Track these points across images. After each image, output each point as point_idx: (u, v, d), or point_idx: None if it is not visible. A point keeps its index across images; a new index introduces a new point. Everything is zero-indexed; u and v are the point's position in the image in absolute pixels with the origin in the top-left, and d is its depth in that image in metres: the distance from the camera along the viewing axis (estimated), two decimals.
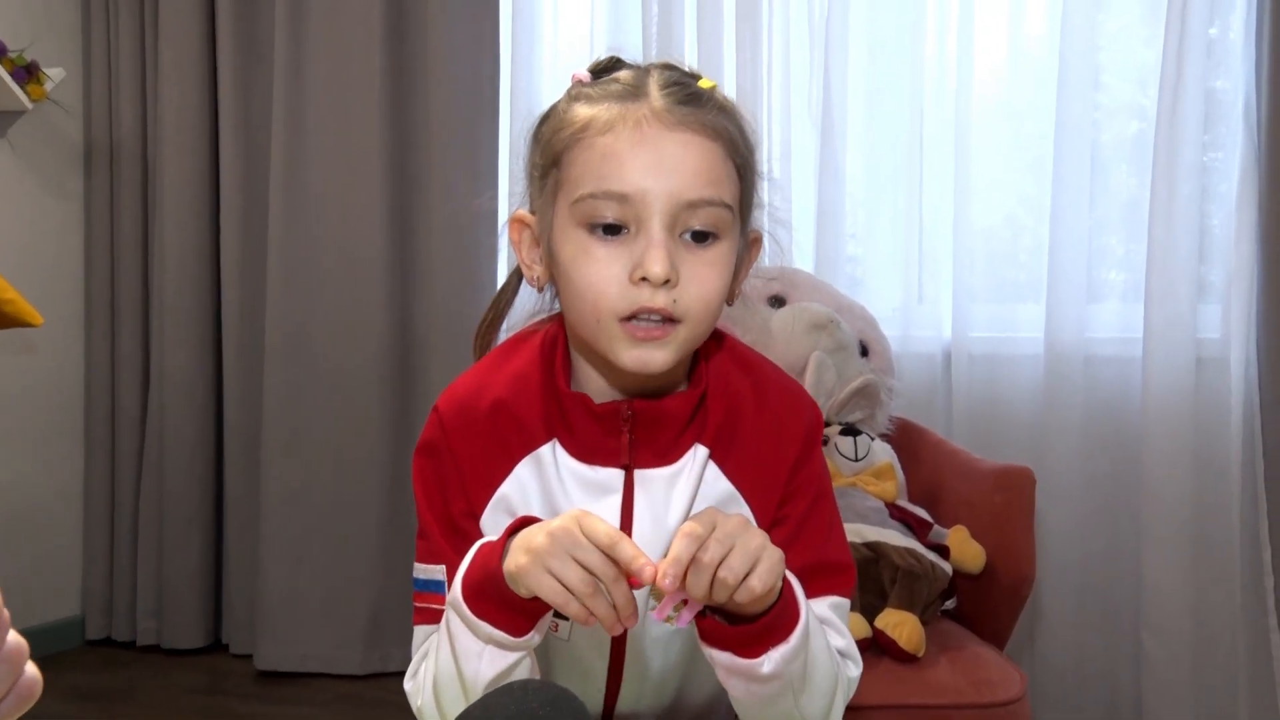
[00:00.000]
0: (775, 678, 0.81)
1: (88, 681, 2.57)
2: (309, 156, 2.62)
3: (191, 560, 2.75)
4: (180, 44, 2.71)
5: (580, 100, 0.86)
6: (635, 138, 0.81)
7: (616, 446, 0.90)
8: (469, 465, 0.91)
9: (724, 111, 0.86)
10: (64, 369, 2.84)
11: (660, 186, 0.81)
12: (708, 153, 0.83)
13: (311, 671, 2.59)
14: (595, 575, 0.74)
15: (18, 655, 0.48)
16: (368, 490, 2.61)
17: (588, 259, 0.83)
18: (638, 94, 0.84)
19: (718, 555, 0.75)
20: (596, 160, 0.82)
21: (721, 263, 0.85)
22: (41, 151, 2.77)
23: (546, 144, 0.88)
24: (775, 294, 2.10)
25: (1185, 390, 2.09)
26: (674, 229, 0.82)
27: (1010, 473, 1.76)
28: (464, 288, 2.56)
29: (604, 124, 0.83)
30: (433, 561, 0.91)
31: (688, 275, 0.82)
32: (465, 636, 0.81)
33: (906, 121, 2.34)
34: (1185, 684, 2.09)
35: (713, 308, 0.85)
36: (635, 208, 0.81)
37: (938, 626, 1.68)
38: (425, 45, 2.58)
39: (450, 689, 0.84)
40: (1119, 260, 2.28)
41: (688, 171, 0.82)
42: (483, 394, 0.93)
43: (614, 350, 0.84)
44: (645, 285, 0.81)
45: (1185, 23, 2.07)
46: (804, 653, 0.82)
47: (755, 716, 0.86)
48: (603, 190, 0.82)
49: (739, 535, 0.76)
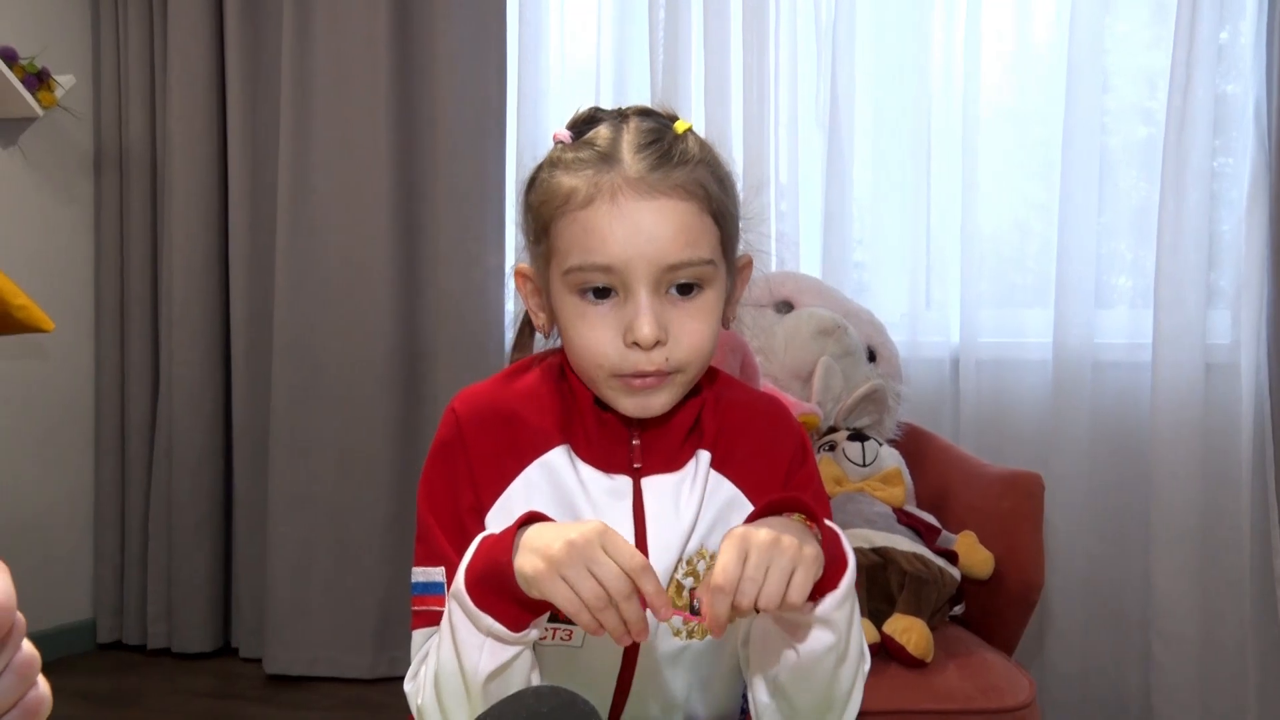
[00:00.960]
0: (825, 622, 0.83)
1: (98, 685, 2.58)
2: (316, 163, 2.63)
3: (201, 564, 2.76)
4: (189, 52, 2.72)
5: (559, 168, 0.90)
6: (613, 211, 0.86)
7: (625, 454, 0.94)
8: (480, 461, 0.94)
9: (697, 164, 0.89)
10: (74, 374, 2.85)
11: (641, 254, 0.86)
12: (683, 214, 0.87)
13: (320, 675, 2.60)
14: (609, 591, 0.76)
15: (29, 667, 0.47)
16: (375, 494, 2.61)
17: (583, 322, 0.89)
18: (611, 159, 0.88)
19: (751, 595, 0.76)
20: (580, 234, 0.87)
21: (709, 310, 0.90)
22: (52, 158, 2.78)
23: (535, 213, 0.93)
24: (783, 299, 2.10)
25: (1195, 396, 2.08)
26: (659, 289, 0.87)
27: (1018, 478, 1.76)
28: (469, 294, 2.57)
29: (584, 198, 0.87)
30: (432, 564, 0.93)
31: (677, 330, 0.88)
32: (466, 628, 0.83)
33: (913, 126, 2.34)
34: (1194, 690, 2.08)
35: (705, 353, 0.90)
36: (620, 275, 0.86)
37: (946, 632, 1.68)
38: (431, 53, 2.59)
39: (451, 682, 0.85)
40: (1127, 266, 2.28)
41: (665, 238, 0.86)
42: (498, 400, 0.97)
43: (616, 400, 0.91)
44: (637, 349, 0.87)
45: (1195, 26, 2.06)
46: (852, 602, 0.85)
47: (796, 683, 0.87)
48: (589, 263, 0.87)
49: (771, 559, 0.77)
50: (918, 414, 2.18)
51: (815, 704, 0.89)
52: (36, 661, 0.47)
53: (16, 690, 0.46)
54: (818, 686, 0.87)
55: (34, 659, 0.47)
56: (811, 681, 0.87)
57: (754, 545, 0.78)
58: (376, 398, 2.61)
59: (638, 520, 0.94)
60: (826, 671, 0.86)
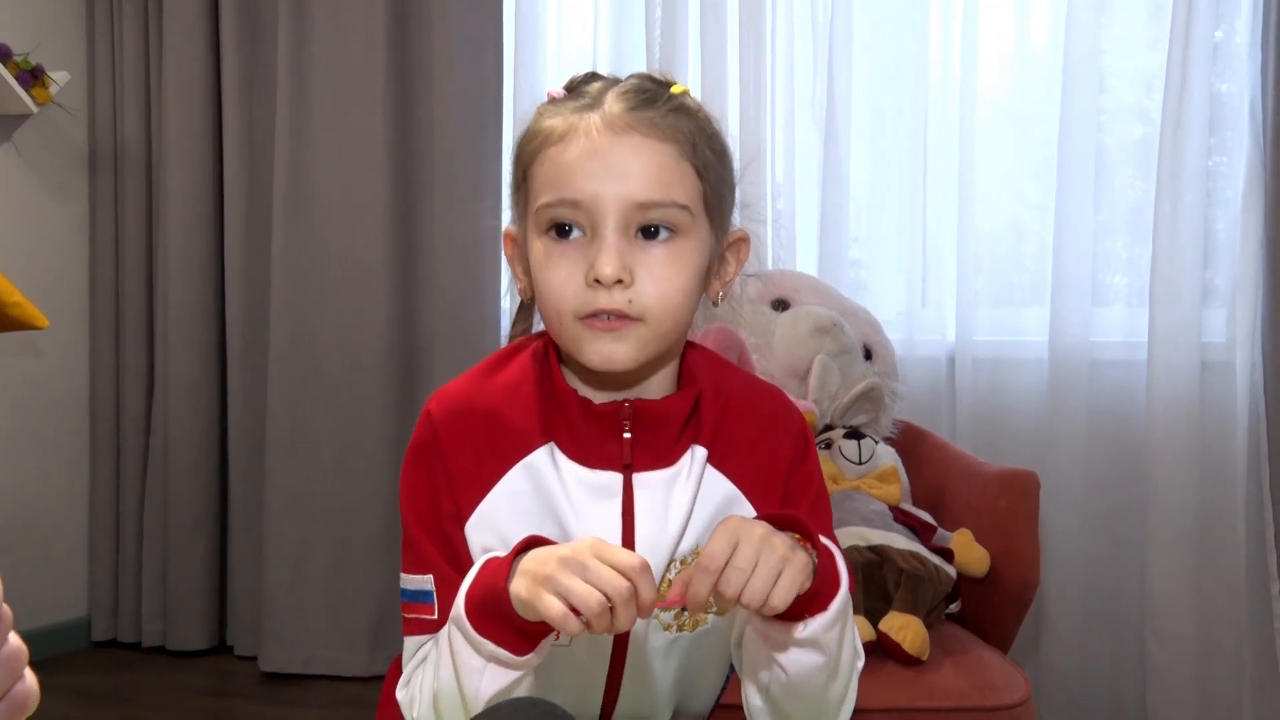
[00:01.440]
0: (813, 643, 0.82)
1: (93, 683, 2.58)
2: (312, 162, 2.63)
3: (196, 563, 2.75)
4: (184, 48, 2.72)
5: (544, 115, 0.90)
6: (586, 146, 0.84)
7: (615, 449, 0.91)
8: (458, 468, 0.91)
9: (682, 113, 0.88)
10: (69, 372, 2.84)
11: (610, 191, 0.83)
12: (658, 154, 0.85)
13: (316, 673, 2.60)
14: (607, 594, 0.74)
15: (16, 660, 0.47)
16: (371, 493, 2.61)
17: (549, 263, 0.86)
18: (595, 104, 0.87)
19: (736, 588, 0.75)
20: (552, 171, 0.86)
21: (680, 261, 0.86)
22: (46, 155, 2.78)
23: (516, 160, 0.92)
24: (779, 297, 2.10)
25: (1190, 394, 2.09)
26: (627, 229, 0.85)
27: (1015, 476, 1.76)
28: (467, 293, 2.57)
29: (559, 135, 0.86)
30: (420, 571, 0.91)
31: (643, 274, 0.84)
32: (466, 652, 0.81)
33: (910, 125, 2.35)
34: (1190, 688, 2.09)
35: (673, 305, 0.86)
36: (589, 213, 0.84)
37: (942, 630, 1.68)
38: (429, 51, 2.58)
39: (449, 702, 0.84)
40: (1123, 264, 2.28)
41: (636, 175, 0.84)
42: (476, 399, 0.93)
43: (580, 349, 0.86)
44: (600, 287, 0.83)
45: (1190, 26, 2.07)
46: (843, 624, 0.84)
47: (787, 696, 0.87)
48: (558, 199, 0.85)
49: (760, 553, 0.76)
50: (914, 412, 2.18)
51: (807, 713, 0.88)
52: (23, 655, 0.47)
53: (3, 684, 0.46)
54: (809, 699, 0.87)
55: (21, 652, 0.47)
56: (802, 696, 0.87)
57: (745, 536, 0.77)
58: (373, 397, 2.60)
59: (626, 519, 0.90)
60: (817, 688, 0.86)
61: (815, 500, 0.96)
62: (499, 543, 0.89)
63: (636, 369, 0.88)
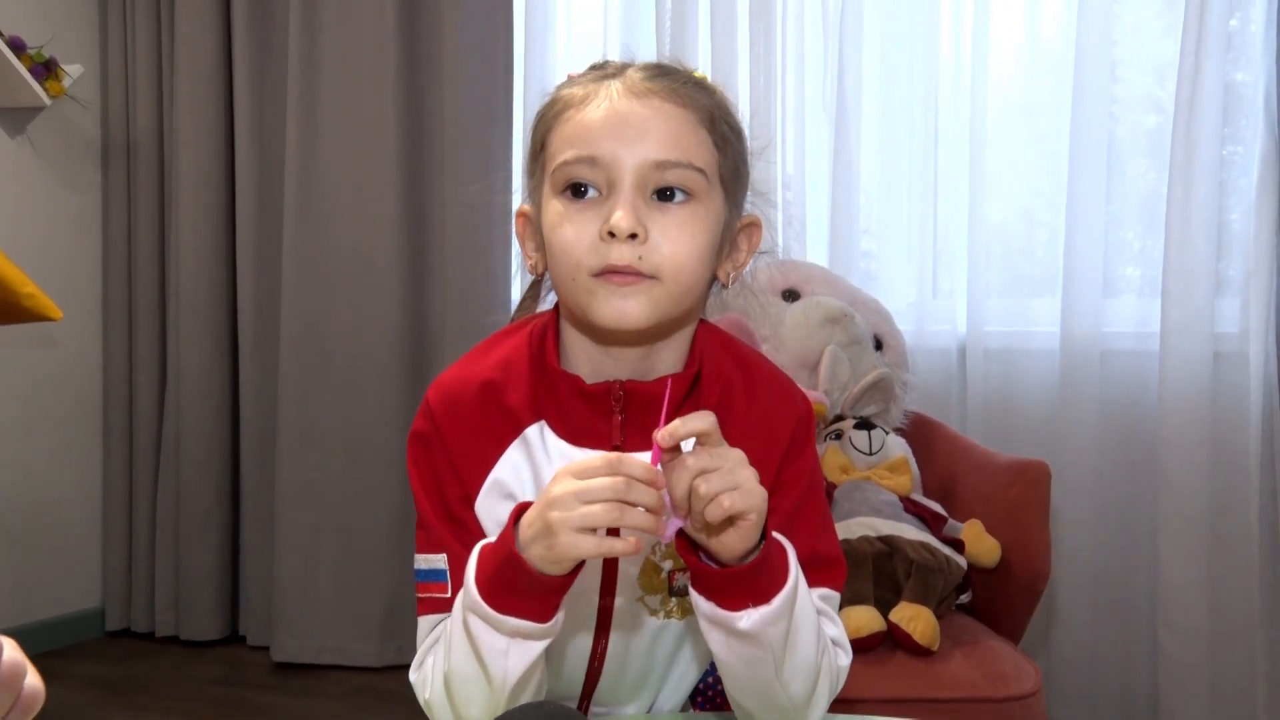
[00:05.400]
0: (753, 638, 0.82)
1: (107, 672, 2.60)
2: (323, 153, 2.64)
3: (209, 553, 2.77)
4: (196, 41, 2.73)
5: (565, 87, 0.91)
6: (606, 108, 0.86)
7: (607, 428, 0.90)
8: (459, 451, 0.92)
9: (702, 88, 0.89)
10: (83, 364, 2.86)
11: (628, 149, 0.84)
12: (676, 118, 0.86)
13: (328, 663, 2.61)
14: (615, 498, 0.75)
15: (14, 677, 0.48)
16: (382, 484, 2.62)
17: (565, 220, 0.86)
18: (616, 74, 0.89)
19: (703, 465, 0.76)
20: (571, 132, 0.87)
21: (695, 222, 0.86)
22: (60, 147, 2.79)
23: (536, 130, 0.92)
24: (789, 288, 2.09)
25: (1203, 385, 2.08)
26: (644, 190, 0.85)
27: (1026, 467, 1.76)
28: (477, 283, 2.57)
29: (579, 99, 0.87)
30: (433, 550, 0.91)
31: (658, 234, 0.84)
32: (488, 636, 0.81)
33: (921, 116, 2.34)
34: (1201, 679, 2.08)
35: (686, 266, 0.86)
36: (606, 171, 0.85)
37: (952, 620, 1.68)
38: (439, 42, 2.59)
39: (468, 689, 0.85)
40: (1135, 255, 2.27)
41: (655, 135, 0.85)
42: (469, 380, 0.94)
43: (592, 307, 0.85)
44: (614, 241, 0.83)
45: (1204, 15, 2.05)
46: (787, 620, 0.83)
47: (738, 682, 0.87)
48: (575, 156, 0.85)
49: (731, 463, 0.77)
50: (924, 403, 2.18)
51: (771, 712, 0.87)
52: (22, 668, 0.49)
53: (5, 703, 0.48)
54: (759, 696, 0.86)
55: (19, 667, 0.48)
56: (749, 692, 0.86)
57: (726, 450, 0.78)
58: (384, 387, 2.61)
59: None
60: (760, 684, 0.85)
61: (806, 492, 0.94)
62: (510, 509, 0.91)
63: (645, 330, 0.87)
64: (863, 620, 1.55)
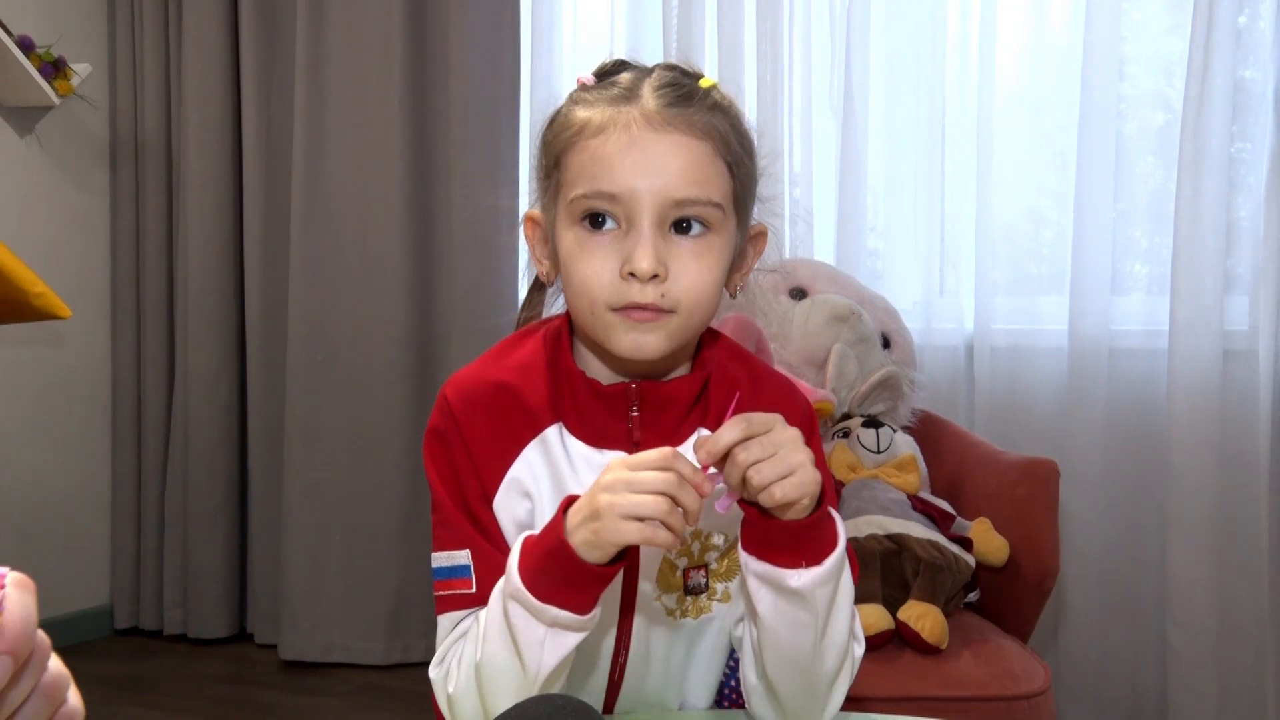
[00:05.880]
0: (803, 598, 0.83)
1: (115, 670, 2.61)
2: (330, 153, 2.64)
3: (216, 551, 2.78)
4: (204, 41, 2.73)
5: (579, 104, 0.90)
6: (625, 140, 0.86)
7: (622, 429, 0.92)
8: (478, 448, 0.93)
9: (716, 110, 0.89)
10: (91, 362, 2.87)
11: (648, 186, 0.85)
12: (695, 152, 0.86)
13: (335, 661, 2.62)
14: (664, 492, 0.77)
15: (57, 689, 0.47)
16: (389, 483, 2.62)
17: (583, 253, 0.87)
18: (631, 97, 0.88)
19: (754, 457, 0.78)
20: (589, 162, 0.87)
21: (711, 255, 0.88)
22: (68, 146, 2.79)
23: (548, 146, 0.92)
24: (796, 286, 2.09)
25: (1212, 383, 2.07)
26: (662, 225, 0.86)
27: (1034, 465, 1.75)
28: (483, 282, 2.57)
29: (597, 127, 0.87)
30: (455, 547, 0.92)
31: (677, 268, 0.86)
32: (527, 625, 0.82)
33: (928, 113, 2.33)
34: (1210, 678, 2.07)
35: (704, 298, 0.88)
36: (625, 206, 0.85)
37: (960, 619, 1.68)
38: (445, 41, 2.59)
39: (500, 680, 0.85)
40: (1143, 252, 2.26)
41: (674, 172, 0.85)
42: (487, 379, 0.95)
43: (610, 338, 0.88)
44: (634, 280, 0.85)
45: (1213, 11, 2.04)
46: (834, 585, 0.85)
47: (778, 651, 0.87)
48: (595, 190, 0.86)
49: (783, 446, 0.79)
50: (932, 401, 2.17)
51: (797, 684, 0.89)
52: (65, 681, 0.47)
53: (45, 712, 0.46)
54: (798, 666, 0.87)
55: (62, 679, 0.47)
56: (791, 661, 0.87)
57: (781, 427, 0.80)
58: (391, 386, 2.62)
59: None
60: (804, 653, 0.86)
61: None
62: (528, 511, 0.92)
63: (661, 360, 0.90)
64: (871, 618, 1.55)
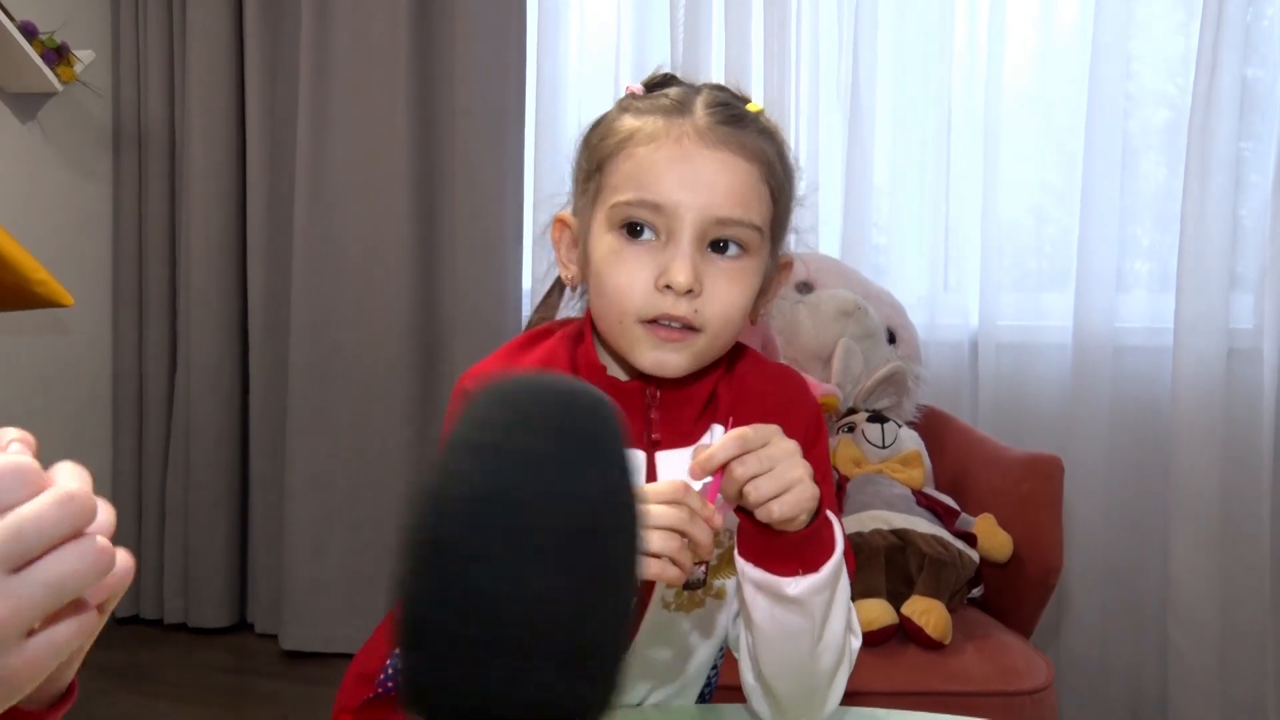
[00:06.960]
0: (800, 605, 0.83)
1: (115, 659, 2.60)
2: (334, 144, 2.63)
3: (218, 541, 2.77)
4: (208, 29, 2.72)
5: (629, 112, 0.90)
6: (675, 152, 0.85)
7: (639, 427, 0.93)
8: None
9: (765, 135, 0.89)
10: (94, 350, 2.86)
11: (693, 201, 0.84)
12: (743, 173, 0.86)
13: (336, 652, 2.61)
14: (674, 529, 0.75)
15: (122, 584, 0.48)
16: (391, 474, 2.62)
17: (619, 261, 0.87)
18: (683, 110, 0.87)
19: (751, 471, 0.77)
20: (636, 170, 0.86)
21: (746, 278, 0.88)
22: (71, 133, 2.79)
23: (593, 150, 0.92)
24: (803, 280, 2.09)
25: (1216, 381, 2.07)
26: (702, 242, 0.86)
27: (1038, 461, 1.75)
28: (487, 275, 2.57)
29: (647, 136, 0.87)
30: None
31: (710, 287, 0.86)
32: None
33: (934, 110, 2.33)
34: (1212, 676, 2.08)
35: (732, 320, 0.88)
36: (668, 219, 0.85)
37: (964, 614, 1.68)
38: (451, 33, 2.58)
39: None
40: (1148, 250, 2.27)
41: (721, 190, 0.85)
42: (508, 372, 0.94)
43: (635, 351, 0.88)
44: (669, 293, 0.84)
45: (1222, 9, 2.04)
46: (831, 591, 0.84)
47: (774, 656, 0.87)
48: (639, 199, 0.85)
49: (780, 461, 0.78)
50: (937, 397, 2.17)
51: (795, 685, 0.89)
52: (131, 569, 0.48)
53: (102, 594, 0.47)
54: (794, 667, 0.87)
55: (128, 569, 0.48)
56: (788, 663, 0.87)
57: (777, 441, 0.78)
58: (393, 377, 2.61)
59: None
60: (801, 655, 0.86)
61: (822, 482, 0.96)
62: None
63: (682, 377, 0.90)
64: (875, 613, 1.55)
